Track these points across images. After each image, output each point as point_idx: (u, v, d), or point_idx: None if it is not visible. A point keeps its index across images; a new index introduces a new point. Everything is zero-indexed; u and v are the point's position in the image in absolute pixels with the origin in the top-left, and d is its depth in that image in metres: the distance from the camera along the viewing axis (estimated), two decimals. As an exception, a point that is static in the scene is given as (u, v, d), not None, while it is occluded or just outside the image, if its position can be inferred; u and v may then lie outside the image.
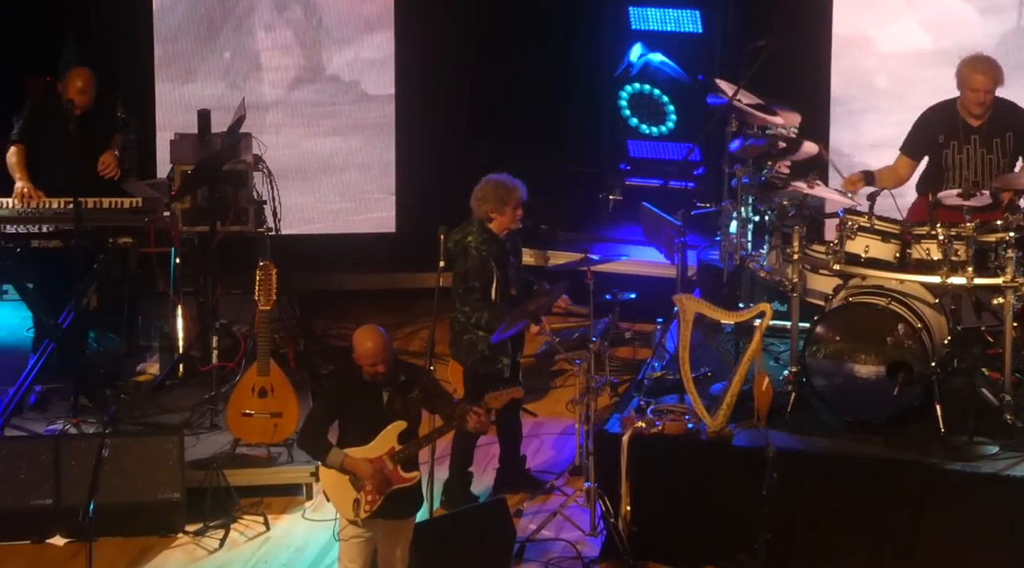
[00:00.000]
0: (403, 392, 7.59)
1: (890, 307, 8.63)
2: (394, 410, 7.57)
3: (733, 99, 9.57)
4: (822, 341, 8.69)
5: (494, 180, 8.75)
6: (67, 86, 9.50)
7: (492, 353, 8.69)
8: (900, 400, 8.53)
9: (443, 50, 11.37)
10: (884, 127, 10.75)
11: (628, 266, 10.65)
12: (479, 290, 8.63)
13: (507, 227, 8.72)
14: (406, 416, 7.58)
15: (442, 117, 11.42)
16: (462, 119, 11.42)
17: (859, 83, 11.00)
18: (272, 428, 8.96)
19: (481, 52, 11.44)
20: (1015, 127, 9.17)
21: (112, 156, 9.56)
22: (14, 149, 9.48)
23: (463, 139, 11.35)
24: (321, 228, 11.41)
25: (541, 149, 11.37)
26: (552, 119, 11.61)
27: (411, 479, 7.61)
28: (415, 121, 11.47)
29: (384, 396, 7.56)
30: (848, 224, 8.87)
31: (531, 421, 9.67)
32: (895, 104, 10.75)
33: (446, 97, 11.40)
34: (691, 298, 8.86)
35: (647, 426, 8.56)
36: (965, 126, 9.19)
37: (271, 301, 8.96)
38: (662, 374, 9.31)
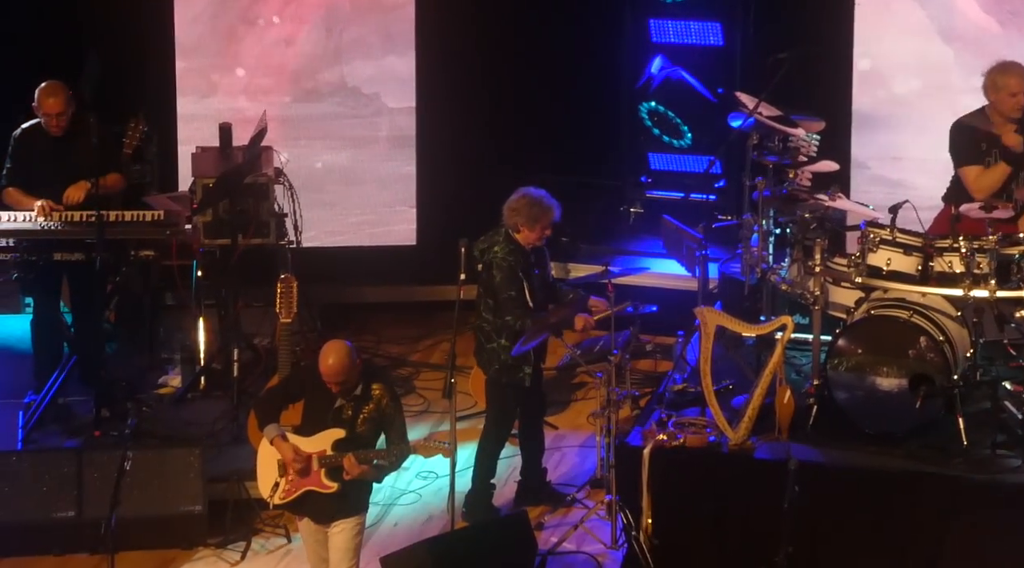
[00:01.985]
0: (357, 404, 7.58)
1: (912, 320, 8.61)
2: (339, 417, 7.59)
3: (754, 112, 9.57)
4: (844, 354, 8.67)
5: (532, 196, 8.75)
6: (39, 104, 9.29)
7: (514, 362, 8.70)
8: (922, 413, 8.51)
9: (464, 63, 11.37)
10: (905, 139, 10.74)
11: (649, 279, 10.64)
12: (516, 298, 8.64)
13: (532, 243, 8.75)
14: (347, 427, 7.57)
15: (462, 130, 11.42)
16: (482, 132, 11.43)
17: (880, 95, 10.98)
18: (293, 441, 8.95)
19: (501, 64, 11.44)
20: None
21: (78, 189, 9.30)
22: (9, 191, 9.42)
23: (483, 152, 11.35)
24: (342, 241, 11.42)
25: (562, 162, 11.37)
26: (573, 132, 11.61)
27: (327, 487, 7.59)
28: (436, 134, 11.48)
29: (336, 401, 7.58)
30: (870, 237, 8.85)
31: (552, 434, 9.66)
32: (917, 116, 10.73)
33: (467, 110, 11.40)
34: (712, 311, 8.85)
35: (668, 439, 8.55)
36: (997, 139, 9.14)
37: (292, 314, 8.95)
38: (683, 387, 9.29)
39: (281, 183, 9.98)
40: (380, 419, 7.61)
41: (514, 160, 11.20)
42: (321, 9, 11.31)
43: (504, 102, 11.51)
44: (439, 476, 9.27)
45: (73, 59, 10.15)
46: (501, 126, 11.48)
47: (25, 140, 9.44)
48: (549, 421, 9.64)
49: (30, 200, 9.34)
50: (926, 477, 8.35)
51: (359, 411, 7.59)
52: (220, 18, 11.23)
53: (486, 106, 11.45)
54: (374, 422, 7.61)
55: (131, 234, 9.39)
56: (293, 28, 11.32)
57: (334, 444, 7.59)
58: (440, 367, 10.45)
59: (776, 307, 9.42)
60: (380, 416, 7.61)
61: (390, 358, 10.76)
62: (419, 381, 10.47)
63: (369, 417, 7.59)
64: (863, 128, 11.00)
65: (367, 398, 7.60)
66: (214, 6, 11.21)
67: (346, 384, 7.53)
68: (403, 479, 9.38)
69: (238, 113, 10.95)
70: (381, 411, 7.61)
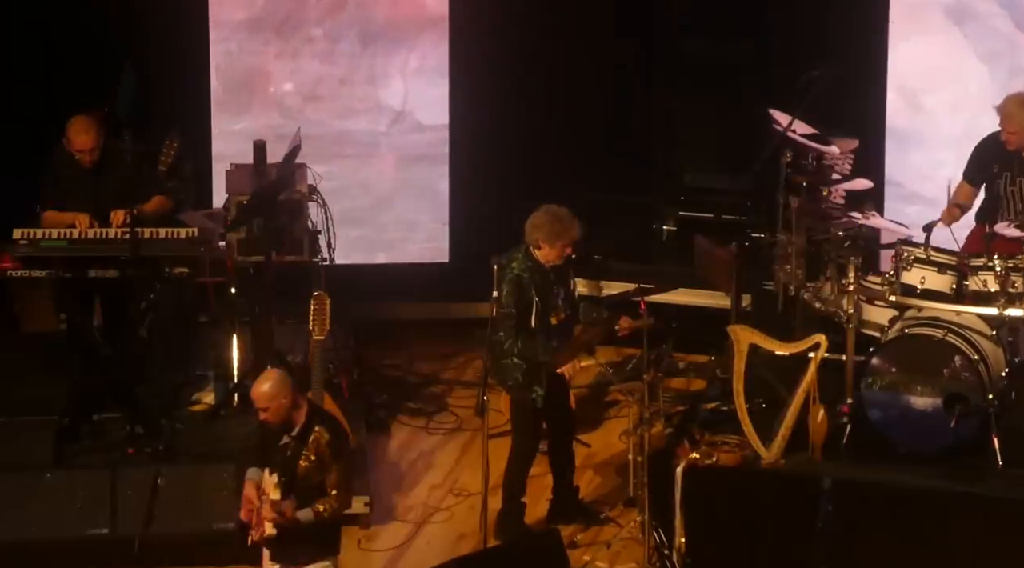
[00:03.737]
0: (296, 445, 7.43)
1: (947, 339, 8.58)
2: (282, 458, 7.45)
3: (788, 129, 9.55)
4: (878, 373, 8.65)
5: (552, 212, 8.73)
6: (70, 140, 9.32)
7: (526, 381, 8.66)
8: (957, 433, 8.48)
9: (498, 80, 11.38)
10: (939, 157, 10.70)
11: (682, 296, 10.62)
12: (513, 316, 8.61)
13: (552, 260, 8.69)
14: (285, 470, 7.42)
15: (495, 147, 11.43)
16: (516, 149, 11.43)
17: (915, 113, 10.95)
18: (326, 458, 8.96)
19: (535, 81, 11.44)
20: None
21: (121, 216, 9.31)
22: (46, 215, 9.44)
23: (516, 169, 11.35)
24: (375, 258, 11.44)
25: (595, 179, 11.36)
26: (606, 149, 11.60)
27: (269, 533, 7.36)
28: (469, 151, 11.50)
29: (283, 438, 7.49)
30: (904, 255, 8.84)
31: (584, 452, 9.65)
32: (951, 134, 10.70)
33: (500, 127, 11.41)
34: (745, 329, 8.83)
35: (701, 457, 8.53)
36: (1020, 158, 9.14)
37: (325, 331, 8.97)
38: (716, 405, 9.28)
39: (315, 200, 9.99)
40: (319, 464, 7.42)
41: (547, 177, 11.19)
42: (356, 26, 11.34)
43: (537, 119, 11.50)
44: (471, 494, 9.27)
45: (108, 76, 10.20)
46: (534, 143, 11.48)
47: (59, 164, 9.47)
48: (581, 439, 9.63)
49: (67, 217, 9.39)
50: (960, 497, 8.32)
51: (298, 453, 7.44)
52: (255, 36, 11.27)
53: (519, 123, 11.45)
54: (314, 467, 7.43)
55: (165, 251, 9.40)
56: (328, 45, 11.35)
57: (278, 486, 7.44)
58: (473, 384, 10.45)
59: (809, 326, 9.39)
60: (319, 461, 7.43)
61: (422, 375, 10.78)
62: (452, 398, 10.48)
63: (308, 461, 7.43)
64: (897, 146, 10.98)
65: (305, 440, 7.43)
66: (250, 24, 11.26)
67: (270, 414, 7.41)
68: (435, 497, 9.38)
69: (272, 130, 10.98)
70: (319, 456, 7.42)
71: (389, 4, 11.34)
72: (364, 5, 11.33)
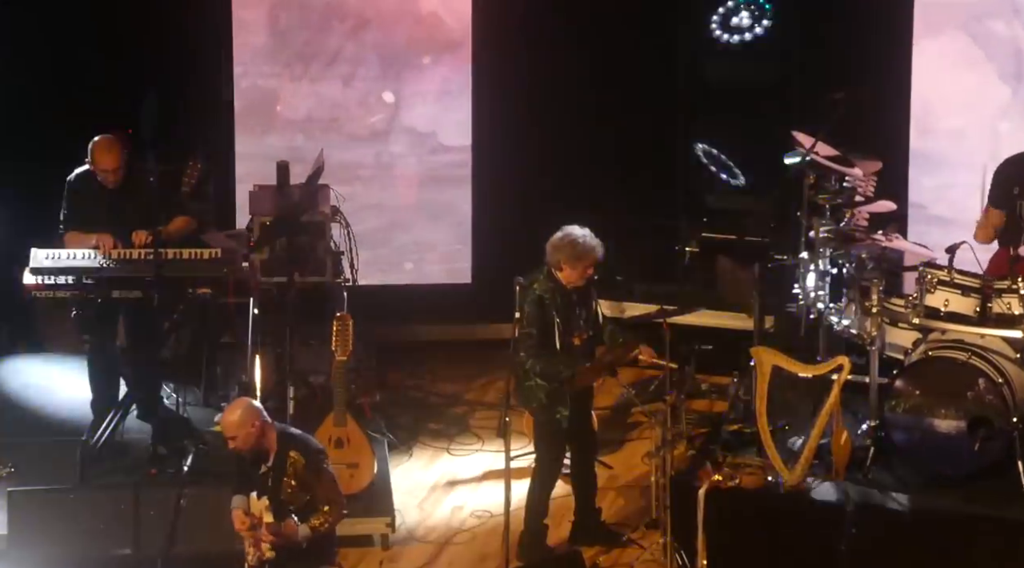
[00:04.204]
0: (275, 473, 7.57)
1: (970, 361, 8.56)
2: (264, 486, 7.59)
3: (811, 151, 9.55)
4: (901, 395, 8.63)
5: (575, 234, 8.71)
6: (93, 161, 9.35)
7: (550, 402, 8.65)
8: (981, 456, 8.45)
9: (520, 101, 11.40)
10: (963, 179, 10.68)
11: (704, 318, 10.60)
12: (534, 336, 8.61)
13: (573, 282, 8.68)
14: (270, 495, 7.55)
15: (518, 168, 11.44)
16: (538, 170, 11.44)
17: (938, 135, 10.94)
18: (348, 478, 8.96)
19: (557, 103, 11.46)
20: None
21: (143, 236, 9.33)
22: (68, 236, 9.47)
23: (539, 190, 11.36)
24: (398, 279, 11.45)
25: (617, 201, 11.35)
26: (629, 171, 11.60)
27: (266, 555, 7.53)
28: (491, 172, 11.51)
29: (261, 467, 7.59)
30: (928, 277, 8.82)
31: (607, 473, 9.64)
32: (974, 156, 10.67)
33: (523, 148, 11.42)
34: (768, 351, 8.82)
35: (724, 479, 8.50)
36: None
37: (348, 352, 8.99)
38: (739, 427, 9.26)
39: (337, 221, 10.02)
40: (302, 487, 7.56)
41: (570, 199, 11.18)
42: (378, 48, 11.38)
43: (560, 141, 11.52)
44: (493, 515, 9.26)
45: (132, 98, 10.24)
46: (557, 165, 11.49)
47: (80, 186, 9.49)
48: (603, 461, 9.62)
49: (90, 238, 9.41)
50: (984, 520, 8.28)
51: (279, 481, 7.57)
52: (278, 56, 11.32)
53: (542, 145, 11.46)
54: (298, 490, 7.57)
55: (188, 272, 9.41)
56: (350, 67, 11.39)
57: (269, 509, 7.59)
58: (495, 406, 10.45)
59: (832, 347, 9.37)
60: (301, 484, 7.56)
61: (444, 397, 10.78)
62: (474, 420, 10.48)
63: (291, 487, 7.56)
64: (921, 168, 10.96)
65: (283, 467, 7.57)
66: (272, 45, 11.30)
67: (239, 442, 7.55)
68: (457, 518, 9.38)
69: (295, 151, 11.03)
70: (300, 479, 7.56)
71: (411, 25, 11.37)
72: (386, 27, 11.36)
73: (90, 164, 9.40)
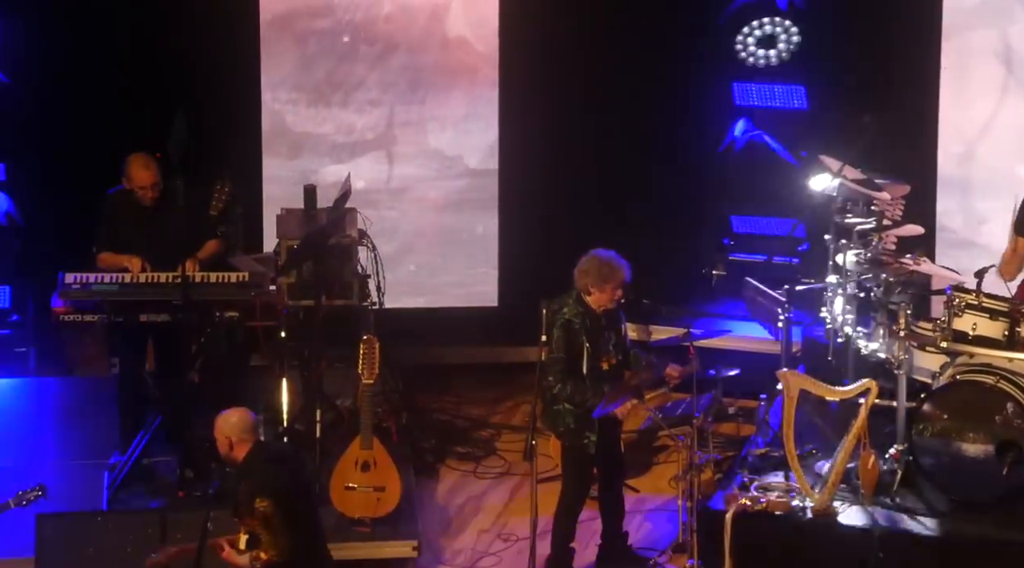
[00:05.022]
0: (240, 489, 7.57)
1: (999, 385, 8.53)
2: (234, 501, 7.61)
3: (838, 175, 9.54)
4: (929, 419, 8.60)
5: (600, 256, 8.73)
6: (130, 177, 9.43)
7: (578, 427, 8.64)
8: (1009, 480, 8.41)
9: (546, 124, 11.42)
10: (991, 203, 10.65)
11: (731, 342, 10.58)
12: (563, 361, 8.61)
13: (604, 305, 8.69)
14: (236, 513, 7.57)
15: (545, 191, 11.46)
16: (565, 193, 11.45)
17: (966, 159, 10.91)
18: (375, 501, 8.98)
19: (583, 126, 11.48)
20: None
21: (192, 263, 9.40)
22: (102, 256, 9.53)
23: (565, 214, 11.37)
24: (424, 302, 11.47)
25: (644, 223, 11.36)
26: (655, 193, 11.60)
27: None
28: (518, 195, 11.53)
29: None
30: (956, 301, 8.79)
31: (634, 497, 9.62)
32: (1003, 180, 10.65)
33: (549, 171, 11.44)
34: (796, 374, 8.80)
35: (751, 503, 8.50)
36: None
37: (374, 375, 9.00)
38: (766, 451, 9.24)
39: (364, 244, 10.04)
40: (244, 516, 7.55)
41: (596, 222, 11.20)
42: (406, 72, 11.41)
43: (586, 163, 11.53)
44: (520, 539, 9.25)
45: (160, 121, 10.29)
46: (583, 187, 11.50)
47: (115, 207, 9.56)
48: (630, 484, 9.60)
49: (121, 259, 9.46)
50: (1013, 545, 8.24)
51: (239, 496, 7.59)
52: (306, 81, 11.36)
53: (568, 168, 11.48)
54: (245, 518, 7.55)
55: (216, 295, 9.45)
56: (378, 91, 11.42)
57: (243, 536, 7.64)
58: (521, 429, 10.44)
59: (859, 371, 9.35)
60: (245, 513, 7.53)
61: (471, 420, 10.78)
62: (500, 443, 10.48)
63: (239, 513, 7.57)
64: (948, 192, 10.93)
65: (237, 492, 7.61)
66: (301, 69, 11.34)
67: (218, 446, 7.66)
68: (483, 541, 9.37)
69: (323, 175, 11.06)
70: (244, 509, 7.53)
71: (439, 49, 11.41)
72: (414, 51, 11.39)
73: (126, 181, 9.46)
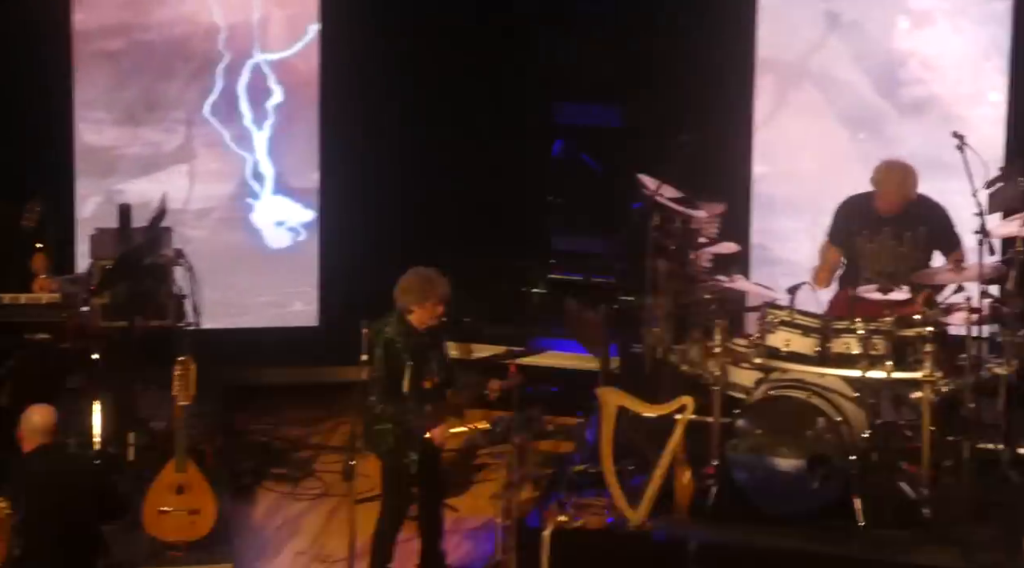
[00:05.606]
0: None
1: (810, 400, 8.66)
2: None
3: (656, 193, 9.63)
4: (743, 434, 8.70)
5: (420, 273, 8.74)
6: None
7: (399, 446, 8.61)
8: (820, 494, 8.54)
9: (368, 142, 11.38)
10: (804, 221, 10.85)
11: (551, 359, 10.65)
12: (385, 380, 8.58)
13: (426, 322, 8.68)
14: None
15: (366, 209, 11.41)
16: (386, 212, 11.42)
17: (780, 178, 11.10)
18: (189, 525, 8.85)
19: (406, 143, 11.46)
20: (930, 222, 9.28)
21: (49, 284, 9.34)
22: None
23: (387, 232, 11.33)
24: (243, 322, 11.35)
25: (466, 243, 11.37)
26: (477, 213, 11.63)
27: None
28: (338, 214, 11.47)
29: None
30: (769, 318, 8.92)
31: (453, 516, 9.60)
32: (816, 198, 10.82)
33: (370, 189, 11.40)
34: (613, 391, 8.85)
35: (568, 520, 8.52)
36: (877, 217, 9.30)
37: (190, 396, 8.88)
38: (584, 468, 9.27)
39: (180, 264, 9.91)
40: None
41: (417, 241, 11.19)
42: (225, 91, 11.29)
43: (409, 181, 11.51)
44: (337, 560, 9.17)
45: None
46: (405, 206, 11.48)
47: None
48: (449, 503, 9.57)
49: None
50: (824, 558, 8.36)
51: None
52: (119, 99, 11.18)
53: (390, 186, 11.45)
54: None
55: (25, 317, 9.27)
56: (195, 109, 11.29)
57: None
58: (340, 449, 10.35)
59: (676, 388, 9.44)
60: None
61: (289, 441, 10.67)
62: (319, 464, 10.38)
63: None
64: (763, 210, 11.11)
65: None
66: (114, 86, 11.15)
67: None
68: (300, 563, 9.27)
69: (138, 195, 10.90)
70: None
71: (257, 67, 11.31)
72: (232, 69, 11.28)
73: None
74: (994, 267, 8.93)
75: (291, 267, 11.48)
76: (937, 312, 8.80)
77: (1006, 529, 8.45)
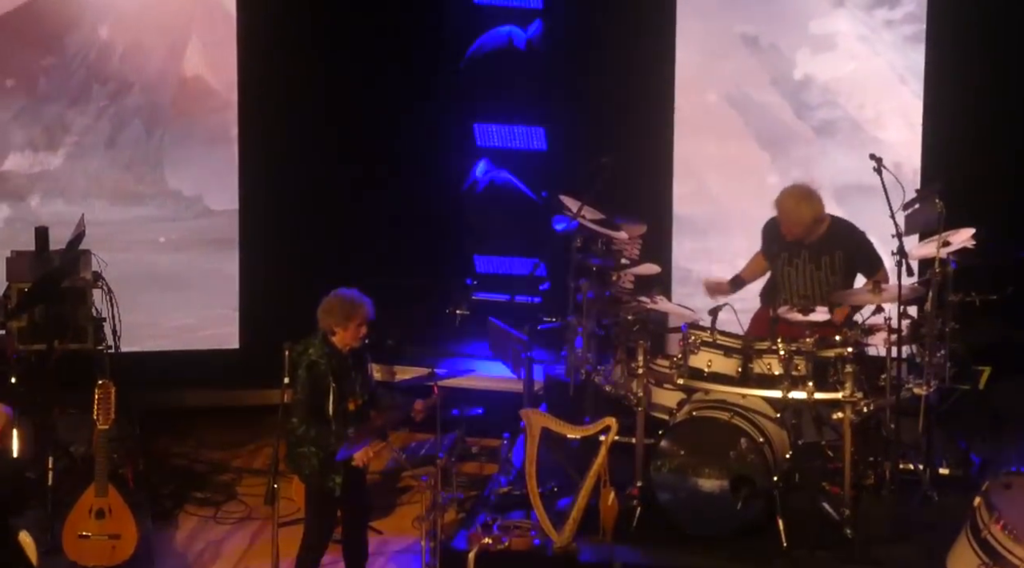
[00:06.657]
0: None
1: (732, 421, 8.71)
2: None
3: (578, 215, 9.66)
4: (666, 455, 8.74)
5: (341, 295, 8.71)
6: None
7: (323, 469, 8.56)
8: (743, 514, 8.59)
9: (288, 164, 11.35)
10: (725, 242, 10.93)
11: (475, 381, 10.63)
12: (307, 403, 8.54)
13: (349, 344, 8.65)
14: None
15: (287, 231, 11.37)
16: (307, 234, 11.39)
17: (701, 199, 11.18)
18: (110, 550, 8.77)
19: (326, 167, 11.44)
20: (845, 247, 9.37)
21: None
22: None
23: (308, 254, 11.30)
24: (163, 345, 11.26)
25: (388, 264, 11.36)
26: (399, 234, 11.62)
27: None
28: (259, 236, 11.41)
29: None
30: (691, 339, 8.97)
31: (377, 539, 9.56)
32: (736, 219, 10.93)
33: (291, 212, 11.37)
34: (537, 413, 8.86)
35: (493, 542, 8.52)
36: (795, 241, 9.38)
37: (110, 420, 8.81)
38: (509, 489, 9.28)
39: (99, 287, 9.82)
40: None
41: (339, 263, 11.17)
42: (142, 111, 11.21)
43: (331, 203, 11.49)
44: (261, 584, 9.13)
45: None
46: (326, 229, 11.45)
47: None
48: (373, 526, 9.53)
49: None
50: (748, 577, 8.42)
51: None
52: (35, 121, 11.07)
53: (312, 208, 11.42)
54: None
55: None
56: (112, 129, 11.20)
57: None
58: (263, 472, 10.30)
59: (600, 409, 9.46)
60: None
61: (211, 464, 10.59)
62: (241, 487, 10.30)
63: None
64: (684, 231, 11.18)
65: None
66: (31, 107, 11.05)
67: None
68: (220, 588, 9.25)
69: (55, 216, 10.78)
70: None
71: (176, 88, 11.24)
72: (150, 89, 11.20)
73: None
74: (913, 288, 9.03)
75: (211, 289, 11.41)
76: (857, 333, 8.88)
77: (927, 549, 8.52)
